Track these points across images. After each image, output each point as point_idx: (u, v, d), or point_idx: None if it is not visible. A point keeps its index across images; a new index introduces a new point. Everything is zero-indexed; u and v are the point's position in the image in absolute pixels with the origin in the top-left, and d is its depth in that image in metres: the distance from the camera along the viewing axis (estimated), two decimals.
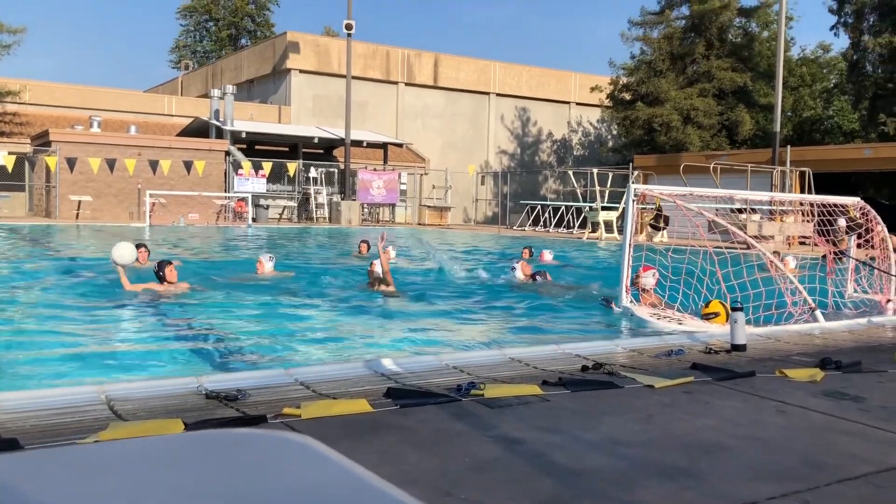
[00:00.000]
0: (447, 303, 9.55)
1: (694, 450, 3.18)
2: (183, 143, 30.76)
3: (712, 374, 4.54)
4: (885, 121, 31.45)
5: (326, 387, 4.02)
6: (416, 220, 35.57)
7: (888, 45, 31.41)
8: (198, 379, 4.02)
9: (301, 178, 33.23)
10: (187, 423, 3.20)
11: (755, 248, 7.87)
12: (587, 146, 47.18)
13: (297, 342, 6.84)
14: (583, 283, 11.92)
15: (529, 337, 7.35)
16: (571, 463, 2.97)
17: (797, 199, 11.76)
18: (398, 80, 40.91)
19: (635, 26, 37.88)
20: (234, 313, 8.25)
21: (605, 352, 5.33)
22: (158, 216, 28.02)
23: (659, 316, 7.19)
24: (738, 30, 38.34)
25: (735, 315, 5.45)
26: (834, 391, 4.24)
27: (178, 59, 59.50)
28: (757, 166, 25.82)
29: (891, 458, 3.10)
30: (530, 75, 45.07)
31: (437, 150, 41.60)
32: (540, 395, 3.95)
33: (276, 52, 39.15)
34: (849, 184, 30.33)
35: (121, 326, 7.46)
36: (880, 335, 6.55)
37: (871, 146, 27.62)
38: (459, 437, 3.24)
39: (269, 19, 60.99)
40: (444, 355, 4.95)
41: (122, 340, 6.74)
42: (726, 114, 35.53)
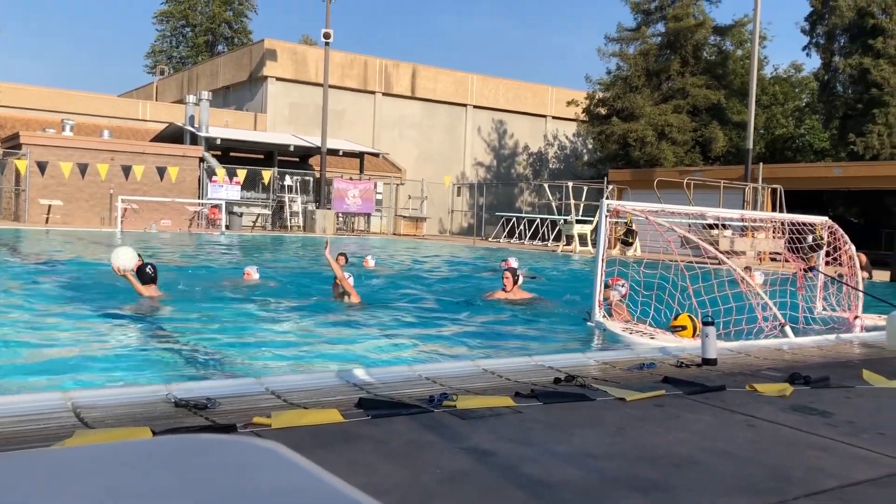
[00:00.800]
0: (421, 313, 9.53)
1: (665, 463, 3.19)
2: (157, 149, 30.50)
3: (683, 388, 4.57)
4: (854, 140, 32.00)
5: (297, 396, 3.99)
6: (392, 230, 35.52)
7: (858, 67, 32.01)
8: (167, 387, 3.97)
9: (276, 185, 33.07)
10: (155, 431, 3.15)
11: (726, 263, 7.95)
12: (563, 160, 47.49)
13: (269, 351, 6.78)
14: (551, 295, 11.96)
15: (503, 348, 7.36)
16: (543, 475, 2.96)
17: (766, 216, 11.91)
18: (375, 90, 40.93)
19: (612, 42, 38.29)
20: (206, 322, 8.18)
21: (577, 364, 5.34)
22: (130, 222, 27.71)
23: (631, 330, 7.23)
24: (713, 48, 38.87)
25: (706, 329, 5.49)
26: (802, 406, 4.28)
27: (153, 63, 59.05)
28: (730, 182, 26.13)
29: (857, 473, 3.13)
30: (507, 88, 45.33)
31: (413, 160, 41.64)
32: (512, 407, 3.94)
33: (253, 59, 39.01)
34: (820, 201, 30.82)
35: (89, 333, 7.35)
36: (848, 351, 6.63)
37: (841, 165, 28.09)
38: (431, 448, 3.23)
39: (246, 26, 60.83)
40: (417, 366, 4.93)
41: (89, 347, 6.64)
42: (700, 130, 35.95)
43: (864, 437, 3.71)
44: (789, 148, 41.23)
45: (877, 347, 6.81)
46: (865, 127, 31.76)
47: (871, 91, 31.63)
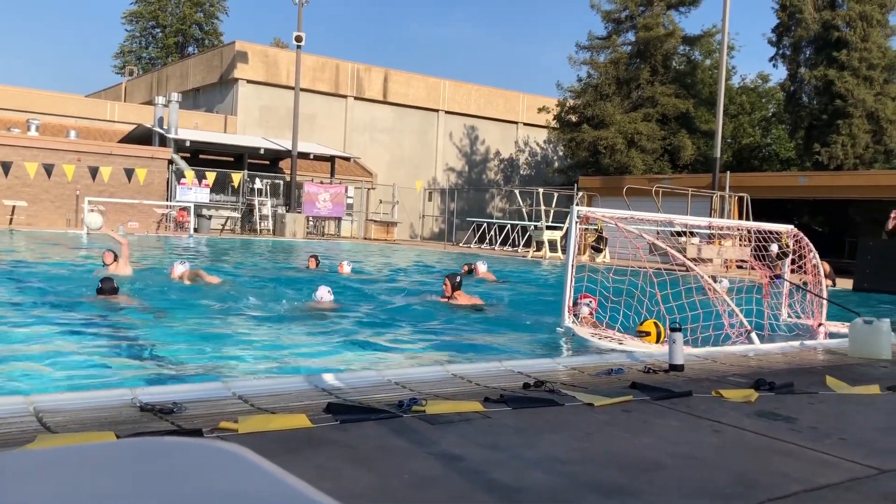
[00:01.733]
0: (391, 319, 9.51)
1: (632, 468, 3.21)
2: (125, 150, 30.13)
3: (651, 394, 4.60)
4: (819, 150, 32.57)
5: (265, 401, 3.95)
6: (363, 234, 35.42)
7: (823, 78, 32.60)
8: (132, 391, 3.92)
9: (245, 188, 32.83)
10: (120, 435, 3.11)
11: (693, 270, 8.04)
12: (534, 166, 47.73)
13: (237, 355, 6.72)
14: (520, 299, 12.02)
15: (472, 354, 7.36)
16: (511, 480, 2.97)
17: (733, 224, 12.07)
18: (347, 94, 40.83)
19: (582, 50, 38.61)
20: (173, 325, 8.08)
21: (546, 370, 5.36)
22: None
23: (600, 336, 7.28)
24: (682, 57, 39.36)
25: (673, 336, 5.54)
26: (767, 412, 4.34)
27: (122, 64, 58.37)
28: (697, 190, 26.44)
29: (819, 478, 3.18)
30: (479, 94, 45.47)
31: (384, 164, 41.58)
32: (481, 412, 3.95)
33: (224, 61, 38.72)
34: (785, 210, 31.30)
35: (53, 336, 7.23)
36: (812, 358, 6.74)
37: (806, 174, 28.57)
38: (399, 453, 3.22)
39: (217, 28, 60.38)
40: (386, 371, 4.92)
41: (53, 351, 6.53)
42: (669, 139, 36.36)
43: (826, 442, 3.77)
44: (756, 157, 41.84)
45: (840, 354, 6.92)
46: (830, 137, 32.34)
47: (836, 102, 32.22)
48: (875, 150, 32.57)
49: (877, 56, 32.09)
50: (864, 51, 31.97)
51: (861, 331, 6.84)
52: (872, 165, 32.16)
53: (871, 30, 32.16)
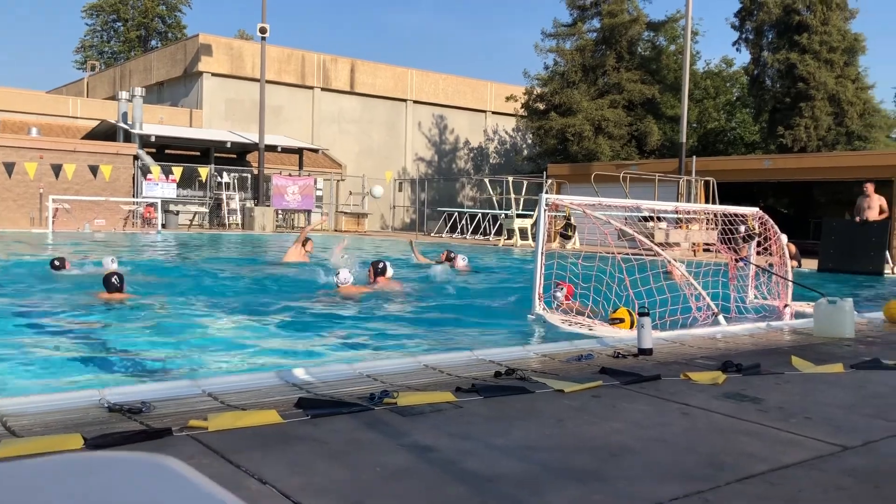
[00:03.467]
0: (360, 310, 9.49)
1: (602, 453, 3.24)
2: (88, 147, 29.66)
3: (620, 378, 4.65)
4: (783, 133, 32.99)
5: (236, 398, 3.93)
6: (333, 226, 35.26)
7: (785, 62, 32.99)
8: (100, 392, 3.87)
9: (213, 183, 32.51)
10: (87, 437, 3.08)
11: (661, 255, 8.12)
12: (503, 154, 47.80)
13: (206, 352, 6.67)
14: (492, 287, 12.06)
15: (444, 344, 7.38)
16: (484, 469, 2.99)
17: (700, 208, 12.20)
18: (314, 85, 40.54)
19: (548, 38, 38.68)
20: (141, 323, 8.00)
21: (518, 357, 5.39)
22: (62, 222, 26.92)
23: (570, 322, 7.33)
24: (647, 43, 39.60)
25: (642, 320, 5.60)
26: (734, 393, 4.40)
27: (83, 59, 57.40)
28: (664, 176, 26.67)
29: (785, 457, 3.24)
30: (447, 83, 45.39)
31: (353, 155, 41.40)
32: (453, 402, 3.96)
33: (188, 54, 38.24)
34: (751, 193, 31.68)
35: (17, 336, 7.12)
36: (778, 339, 6.84)
37: (770, 157, 28.93)
38: (371, 446, 3.22)
39: (180, 21, 59.61)
40: (357, 364, 4.91)
41: (17, 352, 6.43)
42: (635, 124, 36.61)
43: (792, 421, 3.84)
44: (721, 141, 42.29)
45: (805, 334, 7.04)
46: (793, 120, 32.77)
47: (798, 85, 32.64)
48: (837, 132, 33.08)
49: (837, 39, 32.54)
50: (825, 34, 32.41)
51: (825, 311, 6.96)
52: (835, 147, 32.66)
53: (830, 13, 32.59)
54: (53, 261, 12.12)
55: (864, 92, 34.03)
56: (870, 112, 34.14)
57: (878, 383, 4.87)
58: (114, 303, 8.99)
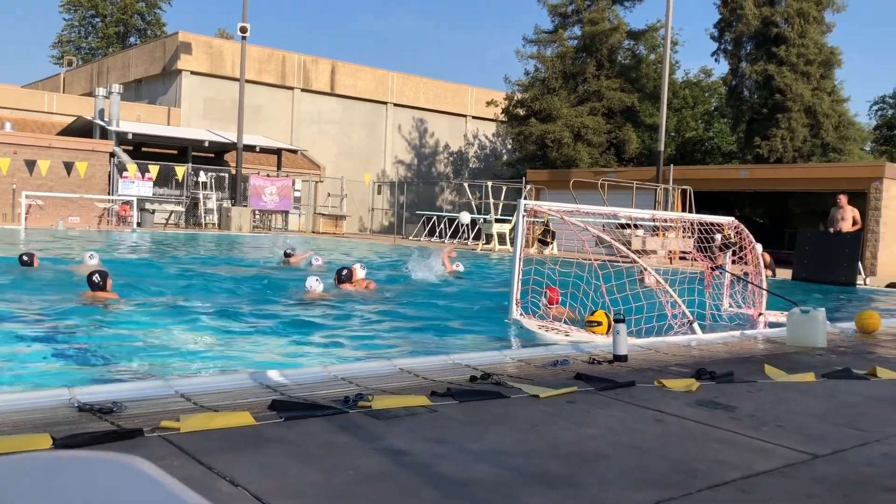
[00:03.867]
0: (337, 312, 9.46)
1: (576, 459, 3.25)
2: (64, 143, 29.31)
3: (595, 384, 4.67)
4: (759, 143, 33.32)
5: (209, 399, 3.90)
6: (311, 227, 35.10)
7: (763, 73, 33.35)
8: (70, 390, 3.82)
9: (190, 182, 32.26)
10: (56, 437, 3.03)
11: (638, 262, 8.17)
12: (483, 159, 47.89)
13: (180, 353, 6.61)
14: (470, 292, 12.07)
15: (421, 347, 7.36)
16: (457, 474, 2.98)
17: (676, 217, 12.30)
18: (294, 86, 40.38)
19: (530, 44, 38.83)
20: (113, 322, 7.91)
21: (494, 362, 5.39)
22: (35, 219, 26.58)
23: (547, 328, 7.35)
24: (627, 52, 39.87)
25: (617, 327, 5.62)
26: (708, 400, 4.43)
27: (60, 54, 56.76)
28: (642, 183, 26.85)
29: (757, 465, 3.26)
30: (427, 87, 45.41)
31: (333, 157, 41.27)
32: (428, 406, 3.95)
33: (167, 52, 37.94)
34: (727, 202, 31.96)
35: None
36: (752, 347, 6.90)
37: (747, 167, 29.22)
38: (345, 449, 3.20)
39: (160, 18, 59.16)
40: (332, 366, 4.89)
41: None
42: (614, 132, 36.83)
43: (764, 429, 3.87)
44: (699, 150, 42.66)
45: (778, 343, 7.10)
46: (770, 131, 33.11)
47: (776, 97, 33.00)
48: (812, 143, 33.47)
49: (813, 52, 32.94)
50: (802, 47, 32.79)
51: (798, 320, 7.02)
52: (810, 158, 33.05)
53: (808, 26, 32.99)
54: (22, 256, 11.99)
55: (839, 105, 34.48)
56: (845, 125, 34.59)
57: (849, 392, 4.93)
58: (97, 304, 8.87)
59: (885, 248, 24.05)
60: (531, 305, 7.85)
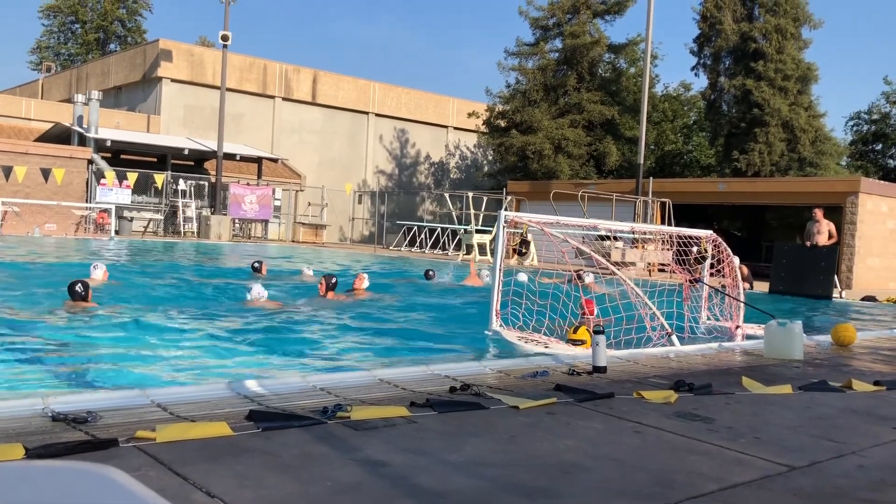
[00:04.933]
0: (315, 322, 9.41)
1: (554, 470, 3.25)
2: (41, 150, 29.00)
3: (574, 396, 4.67)
4: (738, 157, 33.65)
5: (185, 409, 3.86)
6: (290, 237, 34.96)
7: (741, 88, 33.72)
8: (43, 399, 3.76)
9: (169, 190, 32.04)
10: (28, 447, 2.99)
11: (617, 274, 8.20)
12: (464, 170, 47.98)
13: (157, 362, 6.54)
14: (450, 303, 12.06)
15: (400, 358, 7.34)
16: (435, 485, 2.97)
17: (655, 229, 12.39)
18: (275, 95, 40.28)
19: (511, 56, 39.02)
20: (88, 330, 7.82)
21: (473, 373, 5.38)
22: (11, 225, 26.27)
23: (526, 339, 7.35)
24: (608, 65, 40.16)
25: (597, 338, 5.64)
26: (686, 412, 4.45)
27: (39, 60, 56.24)
28: (622, 196, 27.01)
29: (734, 477, 3.28)
30: (409, 97, 45.47)
31: (313, 166, 41.17)
32: (407, 417, 3.93)
33: (147, 59, 37.73)
34: (706, 215, 32.24)
35: None
36: (729, 359, 6.95)
37: (725, 181, 29.49)
38: (323, 460, 3.18)
39: (140, 25, 58.82)
40: (311, 376, 4.86)
41: None
42: (595, 144, 37.04)
43: (741, 441, 3.89)
44: (678, 163, 43.01)
45: (755, 355, 7.16)
46: (748, 145, 33.46)
47: (753, 111, 33.36)
48: (790, 157, 33.85)
49: (791, 67, 33.36)
50: (780, 62, 33.20)
51: (775, 332, 7.09)
52: (787, 172, 33.42)
53: (785, 42, 33.43)
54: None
55: (816, 120, 34.91)
56: (821, 139, 35.01)
57: (825, 405, 4.97)
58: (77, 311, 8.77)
59: (860, 262, 24.34)
60: (510, 317, 7.85)
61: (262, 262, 15.16)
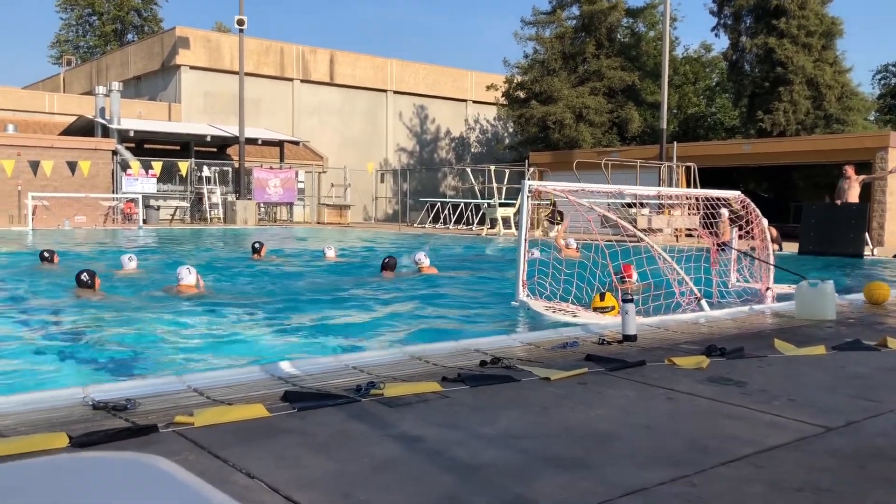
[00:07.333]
0: (345, 301, 9.47)
1: (588, 440, 3.26)
2: (66, 143, 29.34)
3: (605, 365, 4.68)
4: (762, 118, 33.14)
5: (221, 392, 3.92)
6: (315, 218, 35.13)
7: (763, 46, 33.11)
8: (84, 389, 3.85)
9: (193, 177, 32.28)
10: (72, 436, 3.06)
11: (644, 241, 8.15)
12: (484, 143, 47.77)
13: (191, 347, 6.64)
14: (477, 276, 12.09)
15: (430, 334, 7.38)
16: (470, 458, 2.99)
17: (682, 193, 12.27)
18: (293, 77, 40.29)
19: (528, 26, 38.61)
20: (124, 319, 7.94)
21: (503, 346, 5.40)
22: (41, 220, 26.65)
23: (554, 309, 7.35)
24: (626, 30, 39.62)
25: (625, 306, 5.62)
26: (718, 377, 4.44)
27: (59, 54, 56.67)
28: (646, 162, 26.76)
29: (769, 439, 3.27)
30: (427, 73, 45.25)
31: (335, 147, 41.22)
32: (439, 392, 3.97)
33: (165, 47, 37.87)
34: (731, 178, 31.84)
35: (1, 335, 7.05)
36: (761, 322, 6.90)
37: (750, 142, 29.08)
38: (358, 437, 3.22)
39: (156, 14, 58.94)
40: (343, 356, 4.91)
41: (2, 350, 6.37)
42: (616, 111, 36.66)
43: (775, 403, 3.87)
44: (701, 126, 42.45)
45: (787, 317, 7.10)
46: (772, 104, 32.92)
47: (777, 70, 32.78)
48: (815, 115, 33.28)
49: (814, 23, 32.68)
50: (802, 18, 32.53)
51: (807, 293, 7.02)
52: (813, 131, 32.87)
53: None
54: (43, 252, 12.10)
55: (842, 75, 34.23)
56: (848, 95, 34.35)
57: (859, 364, 4.93)
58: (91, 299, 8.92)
59: (892, 219, 23.96)
60: (538, 286, 7.84)
61: (262, 244, 15.30)
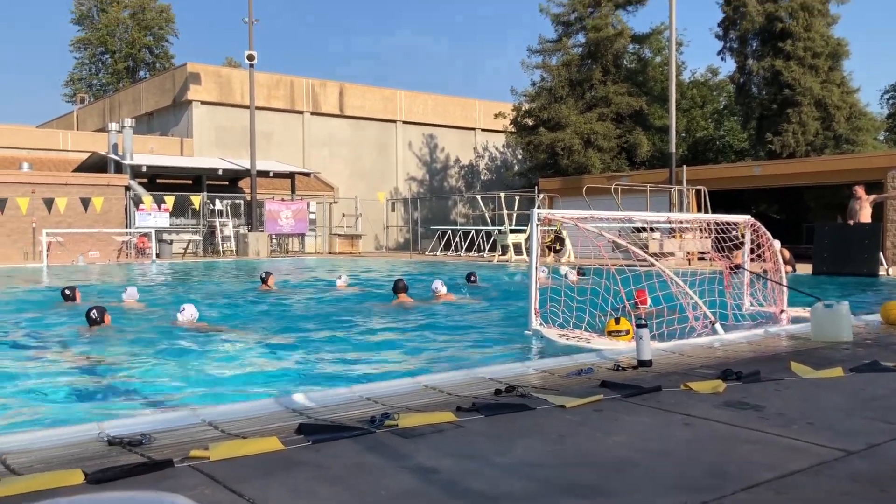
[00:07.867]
0: (357, 330, 9.47)
1: (605, 467, 3.23)
2: (80, 179, 29.66)
3: (621, 391, 4.64)
4: (771, 139, 33.14)
5: (236, 426, 3.91)
6: (327, 249, 35.23)
7: (770, 69, 33.22)
8: (98, 425, 3.85)
9: (206, 210, 32.50)
10: (87, 472, 3.06)
11: (656, 266, 8.13)
12: (494, 171, 47.94)
13: (204, 381, 6.64)
14: (489, 305, 12.06)
15: (443, 363, 7.35)
16: (487, 488, 2.97)
17: (692, 217, 12.26)
18: (303, 110, 40.67)
19: (535, 54, 38.89)
20: (136, 354, 7.96)
21: (517, 374, 5.38)
22: (56, 256, 26.86)
23: (567, 336, 7.32)
24: (633, 56, 39.84)
25: (640, 332, 5.59)
26: (735, 401, 4.40)
27: (72, 92, 57.48)
28: (655, 186, 26.75)
29: (790, 464, 3.23)
30: (435, 103, 45.60)
31: (345, 178, 41.47)
32: (454, 422, 3.94)
33: (177, 83, 38.35)
34: (742, 200, 31.78)
35: (12, 371, 7.07)
36: (776, 345, 6.84)
37: (760, 164, 29.04)
38: (374, 469, 3.21)
39: (167, 51, 59.78)
40: (357, 386, 4.90)
41: (13, 387, 6.39)
42: (625, 136, 36.75)
43: (794, 427, 3.83)
44: (710, 149, 42.47)
45: (802, 339, 7.04)
46: (781, 126, 32.93)
47: (784, 92, 32.83)
48: (825, 136, 33.25)
49: (820, 44, 32.78)
50: (808, 40, 32.65)
51: (822, 315, 6.96)
52: (823, 151, 32.82)
53: (812, 19, 32.85)
54: (65, 290, 12.17)
55: (849, 96, 34.24)
56: (856, 115, 34.34)
57: (878, 386, 4.87)
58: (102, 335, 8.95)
59: None
60: (550, 314, 7.82)
61: (269, 274, 15.36)
